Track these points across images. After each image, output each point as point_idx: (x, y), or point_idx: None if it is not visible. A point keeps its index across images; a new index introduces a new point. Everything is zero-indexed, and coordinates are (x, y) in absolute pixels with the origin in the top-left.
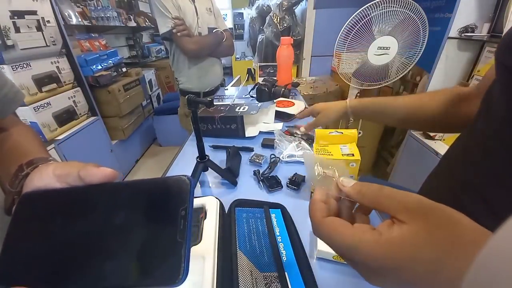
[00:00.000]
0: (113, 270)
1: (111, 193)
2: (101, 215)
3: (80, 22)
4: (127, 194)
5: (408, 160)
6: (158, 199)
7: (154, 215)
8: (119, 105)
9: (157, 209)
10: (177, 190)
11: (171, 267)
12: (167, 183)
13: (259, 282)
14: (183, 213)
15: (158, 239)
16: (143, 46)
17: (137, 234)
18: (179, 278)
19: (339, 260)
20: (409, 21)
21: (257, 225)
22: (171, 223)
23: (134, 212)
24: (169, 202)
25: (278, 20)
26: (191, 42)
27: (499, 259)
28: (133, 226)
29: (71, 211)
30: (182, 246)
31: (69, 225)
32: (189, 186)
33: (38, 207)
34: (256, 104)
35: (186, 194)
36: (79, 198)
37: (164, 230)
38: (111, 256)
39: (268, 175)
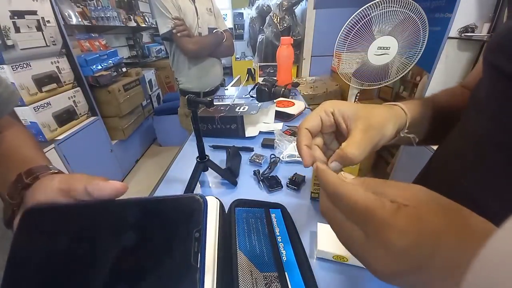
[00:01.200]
0: None
1: (121, 211)
2: (109, 235)
3: (80, 22)
4: (138, 213)
5: (408, 160)
6: (170, 219)
7: (166, 237)
8: (119, 105)
9: (169, 230)
10: (190, 210)
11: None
12: (179, 202)
13: (259, 282)
14: (197, 235)
15: (171, 263)
16: (143, 46)
17: (148, 257)
18: None
19: (339, 260)
20: (409, 21)
21: (257, 225)
22: (185, 246)
23: (145, 233)
24: (182, 223)
25: (278, 20)
26: (191, 42)
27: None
28: (144, 249)
29: (77, 229)
30: (197, 271)
31: (75, 245)
32: (202, 206)
33: (43, 224)
34: (256, 104)
35: (200, 214)
36: (86, 215)
37: (177, 254)
38: (120, 281)
39: (268, 175)
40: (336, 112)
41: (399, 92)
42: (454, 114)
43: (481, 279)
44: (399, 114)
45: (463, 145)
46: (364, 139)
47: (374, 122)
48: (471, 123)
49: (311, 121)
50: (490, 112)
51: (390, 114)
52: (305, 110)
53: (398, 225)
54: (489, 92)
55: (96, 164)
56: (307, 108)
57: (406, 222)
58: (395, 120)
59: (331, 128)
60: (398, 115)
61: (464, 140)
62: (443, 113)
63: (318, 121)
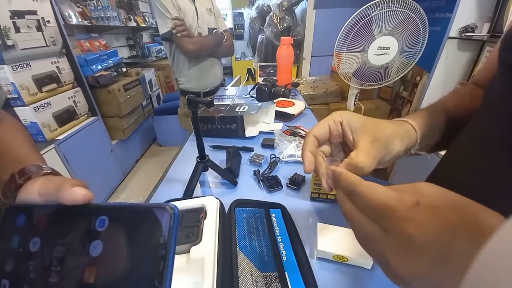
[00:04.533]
0: None
1: (89, 216)
2: (77, 241)
3: (80, 22)
4: (106, 220)
5: (408, 160)
6: (137, 231)
7: (131, 251)
8: (119, 105)
9: (135, 243)
10: (159, 222)
11: None
12: (148, 213)
13: (259, 282)
14: (163, 252)
15: (134, 279)
16: (143, 46)
17: (112, 270)
18: None
19: (339, 260)
20: (409, 21)
21: (257, 225)
22: (150, 263)
23: (111, 243)
24: (148, 237)
25: (278, 20)
26: (191, 43)
27: (499, 259)
28: (109, 259)
29: (48, 230)
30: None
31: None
32: (170, 219)
33: (20, 222)
34: (256, 104)
35: (168, 228)
36: (57, 217)
37: (140, 272)
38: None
39: (268, 175)
40: (345, 122)
41: (399, 92)
42: (462, 118)
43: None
44: (409, 131)
45: (474, 145)
46: (372, 150)
47: (381, 135)
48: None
49: (319, 128)
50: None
51: (399, 130)
52: (305, 110)
53: (418, 219)
54: (502, 91)
55: (96, 164)
56: (307, 108)
57: (425, 216)
58: (403, 137)
59: (339, 138)
60: (407, 132)
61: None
62: (452, 119)
63: (326, 129)
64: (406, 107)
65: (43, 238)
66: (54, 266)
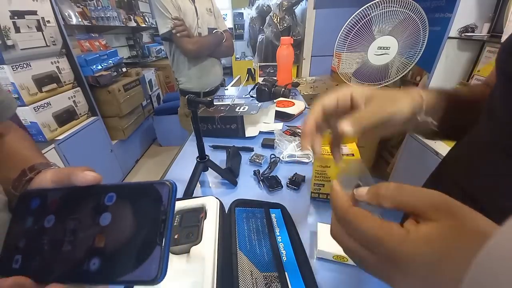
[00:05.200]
0: (96, 265)
1: (98, 194)
2: (88, 215)
3: (80, 22)
4: (114, 196)
5: (408, 160)
6: (141, 202)
7: (136, 218)
8: (119, 105)
9: (140, 212)
10: (160, 194)
11: (149, 267)
12: (151, 188)
13: (259, 282)
14: (163, 217)
15: (139, 240)
16: (143, 46)
17: (120, 234)
18: (156, 278)
19: (339, 260)
20: (409, 21)
21: (257, 225)
22: (152, 226)
23: (119, 213)
24: (151, 206)
25: (278, 20)
26: (191, 43)
27: (499, 259)
28: (117, 227)
29: (61, 209)
30: (161, 248)
31: (58, 222)
32: (170, 191)
33: (34, 205)
34: (256, 104)
35: (167, 198)
36: (69, 198)
37: (145, 232)
38: (95, 253)
39: (268, 175)
40: (355, 94)
41: None
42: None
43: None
44: (416, 96)
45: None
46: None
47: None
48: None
49: (328, 99)
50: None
51: (406, 94)
52: (305, 110)
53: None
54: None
55: (96, 164)
56: (307, 108)
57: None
58: (411, 100)
59: (345, 111)
60: (414, 97)
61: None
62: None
63: (334, 101)
64: None
65: (57, 215)
66: (68, 236)
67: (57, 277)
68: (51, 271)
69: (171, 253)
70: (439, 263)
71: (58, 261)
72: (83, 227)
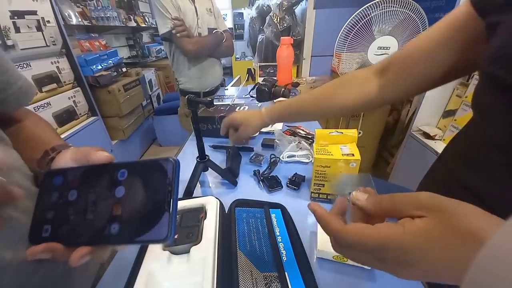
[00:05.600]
0: (116, 229)
1: (112, 171)
2: (105, 188)
3: (80, 22)
4: (125, 172)
5: (408, 160)
6: (150, 176)
7: (146, 189)
8: (119, 105)
9: (149, 184)
10: (165, 169)
11: (160, 229)
12: (157, 164)
13: (259, 282)
14: (169, 188)
15: (150, 208)
16: (143, 46)
17: (134, 203)
18: (166, 237)
19: (339, 260)
20: (409, 21)
21: (257, 225)
22: (160, 196)
23: (131, 186)
24: (158, 179)
25: (278, 20)
26: (191, 43)
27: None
28: (130, 197)
29: (81, 184)
30: (169, 213)
31: (80, 195)
32: (174, 166)
33: (57, 182)
34: (256, 104)
35: (172, 172)
36: (87, 174)
37: (155, 201)
38: (114, 219)
39: (268, 175)
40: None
41: None
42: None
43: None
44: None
45: (469, 148)
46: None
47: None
48: (476, 128)
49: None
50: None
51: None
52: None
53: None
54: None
55: None
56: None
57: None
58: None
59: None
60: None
61: (470, 144)
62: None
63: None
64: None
65: (78, 189)
66: (90, 207)
67: (83, 241)
68: (78, 237)
69: (171, 253)
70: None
71: (83, 228)
72: (102, 199)
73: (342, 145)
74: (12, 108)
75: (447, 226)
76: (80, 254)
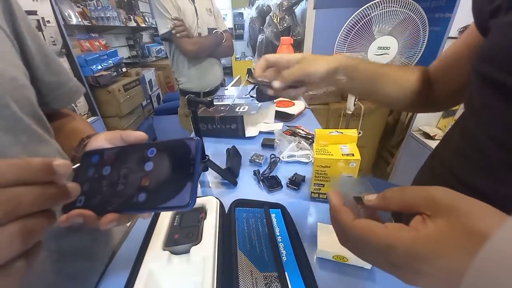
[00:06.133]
0: (143, 198)
1: (142, 149)
2: (135, 164)
3: (80, 22)
4: (154, 150)
5: (408, 160)
6: (175, 153)
7: (172, 163)
8: (119, 105)
9: (175, 159)
10: (189, 147)
11: (183, 196)
12: (182, 142)
13: (259, 282)
14: (192, 162)
15: (175, 178)
16: (143, 46)
17: (160, 175)
18: (189, 203)
19: (339, 260)
20: (409, 21)
21: (257, 225)
22: (184, 169)
23: (159, 161)
24: (183, 155)
25: (278, 20)
26: (191, 43)
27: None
28: (157, 170)
29: (115, 161)
30: (192, 183)
31: (113, 170)
32: (197, 144)
33: (94, 160)
34: (256, 104)
35: (194, 149)
36: (120, 153)
37: (179, 173)
38: (142, 189)
39: (268, 175)
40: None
41: None
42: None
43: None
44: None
45: (465, 144)
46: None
47: (312, 58)
48: (470, 125)
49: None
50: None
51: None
52: (305, 110)
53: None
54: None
55: None
56: (307, 108)
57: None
58: (327, 63)
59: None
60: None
61: (465, 140)
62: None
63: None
64: None
65: (112, 166)
66: (121, 180)
67: (113, 209)
68: (108, 205)
69: (171, 253)
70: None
71: (114, 197)
72: (132, 172)
73: (342, 145)
74: (62, 105)
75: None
76: (109, 219)
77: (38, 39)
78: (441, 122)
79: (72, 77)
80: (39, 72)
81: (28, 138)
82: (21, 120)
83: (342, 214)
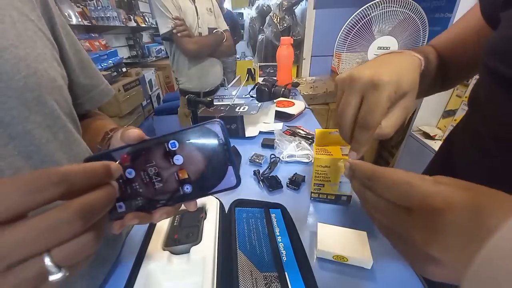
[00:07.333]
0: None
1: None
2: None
3: (80, 22)
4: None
5: (408, 160)
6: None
7: (203, 153)
8: (119, 105)
9: (205, 146)
10: (214, 131)
11: (230, 179)
12: (205, 128)
13: (259, 282)
14: (225, 147)
15: (214, 166)
16: (143, 46)
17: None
18: (237, 184)
19: (339, 260)
20: (409, 21)
21: (257, 225)
22: (220, 154)
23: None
24: (212, 140)
25: (278, 20)
26: (191, 43)
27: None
28: (193, 160)
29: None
30: (233, 166)
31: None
32: (222, 126)
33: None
34: (256, 104)
35: (221, 132)
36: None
37: (216, 159)
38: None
39: (268, 175)
40: None
41: None
42: None
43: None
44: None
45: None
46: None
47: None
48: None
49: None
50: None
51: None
52: (305, 110)
53: (443, 193)
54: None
55: None
56: (307, 108)
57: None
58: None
59: None
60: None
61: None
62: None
63: None
64: None
65: (134, 167)
66: (155, 178)
67: (162, 204)
68: (156, 202)
69: (171, 253)
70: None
71: (157, 195)
72: (163, 169)
73: (342, 145)
74: (93, 106)
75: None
76: (162, 213)
77: (75, 45)
78: (441, 122)
79: (104, 80)
80: (75, 75)
81: (65, 136)
82: (59, 118)
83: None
